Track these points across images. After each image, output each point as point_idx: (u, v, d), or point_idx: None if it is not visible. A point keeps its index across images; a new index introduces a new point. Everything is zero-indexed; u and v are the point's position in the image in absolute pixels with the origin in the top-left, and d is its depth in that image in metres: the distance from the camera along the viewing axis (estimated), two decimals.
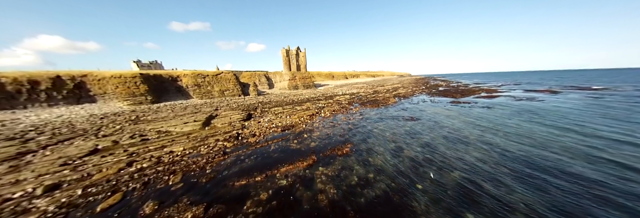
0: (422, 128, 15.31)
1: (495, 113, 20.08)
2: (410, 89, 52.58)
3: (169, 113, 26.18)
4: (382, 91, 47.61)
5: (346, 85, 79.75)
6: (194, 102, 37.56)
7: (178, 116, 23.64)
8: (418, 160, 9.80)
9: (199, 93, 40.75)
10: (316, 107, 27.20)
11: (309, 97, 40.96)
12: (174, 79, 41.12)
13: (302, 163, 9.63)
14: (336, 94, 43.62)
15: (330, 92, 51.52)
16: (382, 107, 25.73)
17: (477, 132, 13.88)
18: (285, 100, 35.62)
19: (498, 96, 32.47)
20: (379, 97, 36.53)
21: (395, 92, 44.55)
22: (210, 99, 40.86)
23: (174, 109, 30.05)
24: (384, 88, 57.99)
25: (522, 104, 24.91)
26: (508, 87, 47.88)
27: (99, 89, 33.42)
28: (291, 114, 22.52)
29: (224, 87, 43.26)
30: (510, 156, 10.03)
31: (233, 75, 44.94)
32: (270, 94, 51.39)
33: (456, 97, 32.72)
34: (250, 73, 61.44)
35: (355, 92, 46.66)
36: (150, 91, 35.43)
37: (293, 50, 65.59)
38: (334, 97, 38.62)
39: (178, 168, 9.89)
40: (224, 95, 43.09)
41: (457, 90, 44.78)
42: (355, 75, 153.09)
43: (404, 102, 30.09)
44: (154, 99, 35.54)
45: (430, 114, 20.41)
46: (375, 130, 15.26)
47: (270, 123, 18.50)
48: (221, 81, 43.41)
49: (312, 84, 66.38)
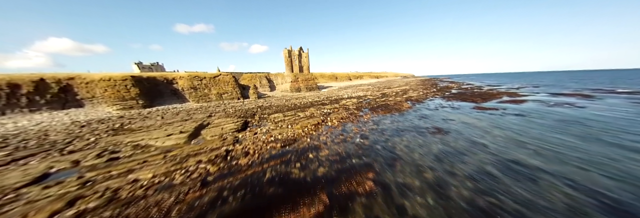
0: (457, 147, 12.22)
1: (535, 124, 16.88)
2: (420, 91, 49.35)
3: (158, 120, 23.50)
4: (391, 94, 44.49)
5: (351, 87, 76.68)
6: (189, 106, 34.94)
7: (166, 124, 20.92)
8: (479, 207, 6.75)
9: (196, 96, 38.16)
10: (321, 113, 24.26)
11: (312, 100, 38.06)
12: (169, 81, 38.63)
13: (308, 211, 6.66)
14: (342, 98, 40.64)
15: (335, 94, 48.56)
16: (397, 114, 22.66)
17: (535, 156, 10.72)
18: (287, 105, 32.76)
19: (524, 101, 29.12)
20: (389, 101, 33.44)
21: (406, 95, 41.40)
22: (207, 103, 38.23)
23: (165, 114, 27.41)
24: (392, 90, 54.83)
25: (559, 111, 21.61)
26: (528, 90, 44.33)
27: (87, 93, 30.99)
28: (293, 123, 19.61)
29: (222, 90, 40.62)
30: (617, 204, 6.90)
31: (232, 78, 42.30)
32: (272, 96, 48.66)
33: (477, 102, 29.45)
34: (250, 75, 58.86)
35: (362, 96, 43.62)
36: (142, 95, 32.91)
37: (295, 50, 62.93)
38: (339, 101, 35.65)
39: (132, 214, 7.00)
40: (222, 99, 40.43)
41: (474, 93, 41.42)
42: (359, 77, 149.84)
43: (419, 107, 26.96)
44: (146, 103, 33.00)
45: (458, 125, 17.28)
46: (399, 148, 12.23)
47: (268, 136, 15.61)
48: (219, 84, 40.79)
49: (315, 86, 63.54)
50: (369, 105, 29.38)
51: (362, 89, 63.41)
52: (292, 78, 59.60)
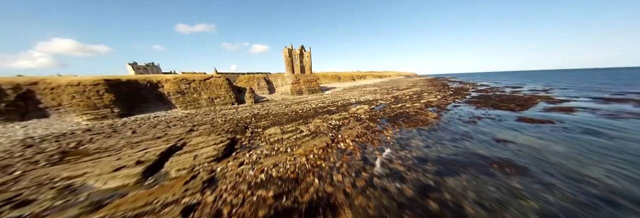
0: (568, 208, 7.39)
1: (633, 148, 12.01)
2: (435, 94, 44.35)
3: (125, 137, 18.85)
4: (403, 98, 39.56)
5: (356, 89, 71.71)
6: (174, 114, 30.32)
7: (129, 145, 16.27)
8: None
9: (183, 102, 33.54)
10: (329, 126, 19.49)
11: (316, 106, 33.30)
12: (153, 85, 34.03)
13: None
14: (349, 102, 35.83)
15: (341, 98, 43.74)
16: (425, 129, 17.83)
17: None
18: (287, 113, 28.01)
19: (572, 109, 24.11)
20: (407, 108, 28.56)
21: (423, 100, 36.46)
22: (196, 109, 33.61)
23: (140, 127, 22.80)
24: (403, 92, 49.87)
25: (636, 126, 16.69)
26: (561, 93, 39.18)
27: (52, 101, 26.45)
28: (294, 145, 14.87)
29: (213, 94, 35.95)
30: None
31: (225, 80, 37.57)
32: (271, 100, 43.96)
33: (515, 110, 24.49)
34: (248, 76, 54.19)
35: (372, 100, 38.75)
36: (118, 101, 28.31)
37: (296, 49, 58.17)
38: (348, 107, 30.82)
39: None
40: (214, 104, 35.77)
41: (501, 97, 36.40)
42: (362, 77, 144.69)
43: (449, 117, 22.08)
44: (124, 111, 28.42)
45: (524, 150, 12.42)
46: (469, 210, 7.44)
47: (257, 171, 10.89)
48: (210, 87, 36.12)
49: (317, 87, 58.76)
50: (385, 114, 24.53)
51: (369, 91, 58.47)
52: (292, 79, 54.86)
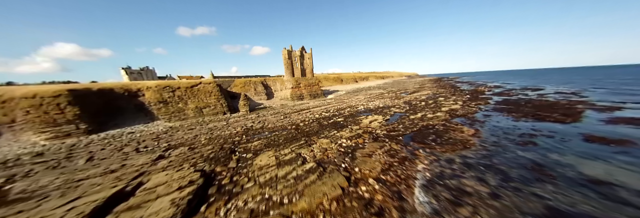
0: None
1: None
2: (453, 99, 39.72)
3: (68, 170, 14.33)
4: (418, 104, 34.95)
5: (360, 91, 67.13)
6: (153, 128, 25.87)
7: (66, 186, 11.79)
8: None
9: (166, 113, 29.10)
10: (339, 150, 14.95)
11: (319, 115, 28.79)
12: (132, 93, 29.63)
13: None
14: (357, 110, 31.29)
15: (346, 104, 39.20)
16: (470, 155, 13.26)
17: None
18: (286, 126, 23.49)
19: (632, 120, 19.48)
20: (429, 119, 23.97)
21: (443, 106, 31.86)
22: (181, 121, 29.16)
23: (101, 150, 18.35)
24: (414, 97, 45.24)
25: None
26: (598, 97, 34.50)
27: (4, 116, 22.09)
28: (293, 191, 10.31)
29: (202, 103, 31.49)
30: None
31: (215, 87, 33.08)
32: (269, 107, 39.49)
33: (565, 121, 19.87)
34: (243, 80, 49.72)
35: (382, 107, 34.16)
36: (86, 115, 23.91)
37: (296, 51, 53.76)
38: (357, 118, 26.23)
39: None
40: (203, 114, 31.30)
41: (532, 103, 31.75)
42: (365, 78, 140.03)
43: (491, 135, 17.47)
44: (93, 127, 24.00)
45: None
46: None
47: None
48: (198, 95, 31.66)
49: (320, 92, 54.25)
50: (406, 129, 19.95)
51: (377, 95, 53.85)
52: (292, 83, 50.40)
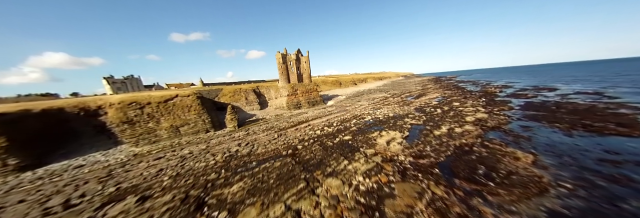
0: None
1: None
2: (470, 104, 34.97)
3: None
4: (434, 112, 30.04)
5: (361, 95, 62.26)
6: (112, 157, 20.34)
7: None
8: None
9: (133, 135, 23.57)
10: (356, 199, 9.79)
11: (321, 131, 23.56)
12: (90, 112, 24.08)
13: None
14: (364, 121, 26.20)
15: (350, 112, 34.16)
16: (559, 210, 8.28)
17: None
18: (280, 151, 18.21)
19: None
20: (460, 135, 18.98)
21: (466, 115, 27.01)
22: (151, 144, 23.66)
23: (20, 202, 12.86)
24: (424, 102, 40.41)
25: None
26: (632, 97, 30.11)
27: None
28: None
29: (178, 121, 26.03)
30: None
31: (195, 100, 27.66)
32: (261, 119, 34.20)
33: (630, 134, 15.09)
34: (233, 88, 44.34)
35: (393, 116, 29.13)
36: (18, 146, 18.33)
37: (292, 54, 48.84)
38: (369, 136, 21.09)
39: None
40: (180, 134, 25.83)
41: (565, 108, 27.16)
42: (363, 80, 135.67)
43: (561, 165, 12.50)
44: (29, 161, 18.42)
45: None
46: None
47: None
48: (174, 111, 26.22)
49: (319, 98, 49.16)
50: (438, 154, 14.86)
51: (381, 100, 48.89)
52: (288, 90, 45.26)
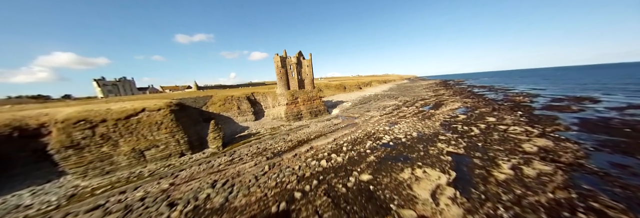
0: None
1: None
2: (510, 120, 28.95)
3: None
4: (470, 133, 24.05)
5: (368, 102, 56.22)
6: (43, 198, 14.56)
7: None
8: None
9: (79, 163, 17.76)
10: None
11: (327, 160, 17.55)
12: (28, 133, 18.30)
13: None
14: (381, 143, 20.33)
15: (361, 128, 28.26)
16: None
17: None
18: (270, 200, 12.37)
19: None
20: (535, 180, 13.05)
21: (518, 141, 21.06)
22: (105, 176, 17.86)
23: None
24: (446, 113, 34.43)
25: None
26: None
27: None
28: None
29: (143, 143, 20.18)
30: None
31: (167, 115, 21.81)
32: (254, 135, 28.37)
33: None
34: (224, 96, 38.58)
35: (417, 137, 23.15)
36: None
37: (292, 57, 43.24)
38: (395, 174, 15.12)
39: None
40: (144, 160, 19.98)
41: (636, 129, 21.14)
42: (368, 84, 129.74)
43: None
44: None
45: None
46: None
47: None
48: (138, 130, 20.37)
49: (323, 108, 43.29)
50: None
51: (393, 109, 42.75)
52: (288, 98, 39.47)
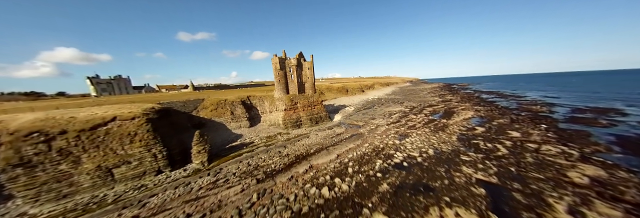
0: None
1: None
2: (538, 136, 25.69)
3: None
4: (496, 152, 20.78)
5: (372, 107, 52.79)
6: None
7: None
8: None
9: (31, 186, 14.45)
10: None
11: (329, 192, 14.28)
12: None
13: None
14: (393, 163, 17.09)
15: (367, 141, 24.97)
16: None
17: None
18: None
19: None
20: None
21: (553, 162, 17.77)
22: (61, 201, 14.61)
23: None
24: (461, 124, 31.17)
25: None
26: None
27: None
28: None
29: (113, 159, 16.89)
30: None
31: (143, 125, 18.51)
32: (247, 145, 25.13)
33: None
34: (217, 100, 35.38)
35: (434, 155, 19.90)
36: None
37: (292, 58, 40.09)
38: (416, 213, 11.91)
39: None
40: (112, 180, 16.71)
41: None
42: (370, 86, 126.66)
43: None
44: None
45: None
46: None
47: None
48: (107, 143, 17.07)
49: (323, 113, 40.04)
50: None
51: (400, 116, 39.42)
52: (286, 103, 36.25)
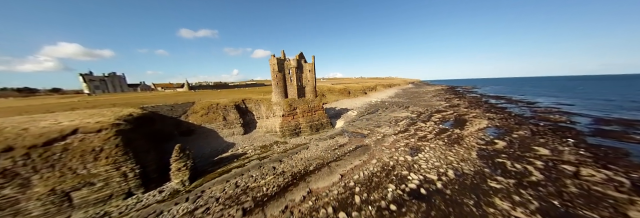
0: None
1: None
2: (567, 154, 22.68)
3: None
4: (528, 177, 17.80)
5: (376, 112, 49.60)
6: None
7: None
8: None
9: None
10: None
11: None
12: None
13: None
14: (408, 191, 14.19)
15: (376, 157, 22.01)
16: None
17: None
18: None
19: None
20: None
21: (606, 196, 14.80)
22: None
23: None
24: (478, 136, 28.15)
25: None
26: None
27: None
28: None
29: (71, 180, 14.03)
30: None
31: (112, 138, 15.62)
32: (239, 156, 22.24)
33: None
34: (208, 104, 32.57)
35: (459, 181, 16.94)
36: None
37: (292, 59, 37.21)
38: None
39: None
40: (70, 205, 13.86)
41: None
42: (373, 88, 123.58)
43: None
44: None
45: None
46: None
47: None
48: (66, 161, 14.23)
49: (325, 120, 37.10)
50: None
51: (408, 124, 36.30)
52: (284, 109, 33.37)
